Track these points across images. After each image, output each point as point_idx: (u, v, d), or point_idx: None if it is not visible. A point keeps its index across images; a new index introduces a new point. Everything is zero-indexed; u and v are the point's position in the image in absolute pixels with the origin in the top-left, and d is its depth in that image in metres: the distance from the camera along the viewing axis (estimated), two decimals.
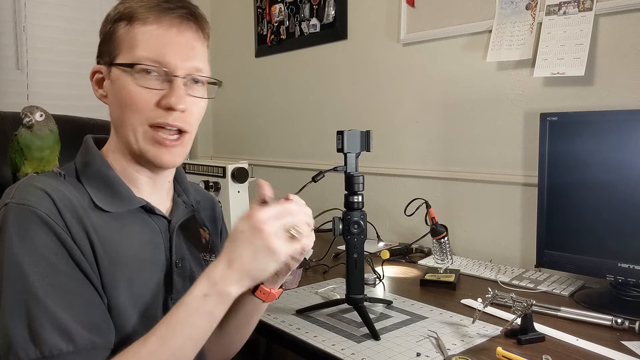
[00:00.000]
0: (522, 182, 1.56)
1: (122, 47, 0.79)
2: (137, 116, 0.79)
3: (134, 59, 0.78)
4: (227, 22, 2.72)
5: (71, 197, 0.75)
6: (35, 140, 0.82)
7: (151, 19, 0.78)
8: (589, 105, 1.40)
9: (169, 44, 0.78)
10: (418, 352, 0.96)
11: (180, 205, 0.91)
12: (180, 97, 0.78)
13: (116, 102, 0.80)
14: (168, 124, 0.79)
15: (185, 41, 0.80)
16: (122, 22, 0.79)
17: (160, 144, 0.80)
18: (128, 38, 0.79)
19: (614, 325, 1.07)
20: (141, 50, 0.78)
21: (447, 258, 1.43)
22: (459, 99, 1.71)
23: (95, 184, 0.80)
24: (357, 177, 1.10)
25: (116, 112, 0.81)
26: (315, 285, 1.39)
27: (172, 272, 0.84)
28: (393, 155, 1.92)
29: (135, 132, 0.79)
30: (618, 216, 1.20)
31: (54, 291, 0.69)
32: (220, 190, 1.82)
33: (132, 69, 0.78)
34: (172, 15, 0.79)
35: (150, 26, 0.78)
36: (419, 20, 1.80)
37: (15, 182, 0.82)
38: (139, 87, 0.78)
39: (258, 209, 0.74)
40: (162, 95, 0.78)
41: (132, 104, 0.78)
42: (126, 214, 0.81)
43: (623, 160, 1.19)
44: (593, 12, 1.37)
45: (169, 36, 0.79)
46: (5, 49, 2.22)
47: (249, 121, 2.62)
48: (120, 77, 0.79)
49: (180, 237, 0.88)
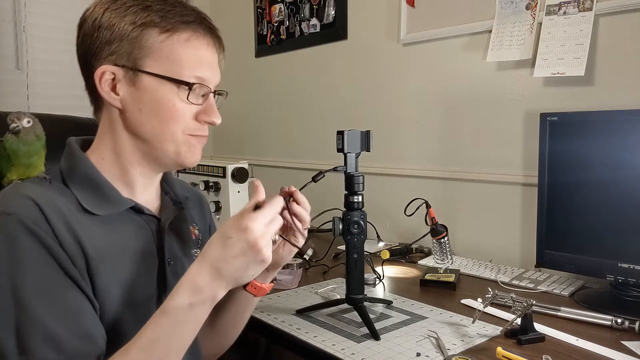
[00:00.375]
0: (522, 182, 1.55)
1: (154, 56, 0.78)
2: (177, 127, 0.80)
3: (180, 74, 0.79)
4: (227, 22, 2.72)
5: (58, 202, 0.74)
6: (22, 146, 0.81)
7: (191, 35, 0.80)
8: (589, 105, 1.40)
9: (207, 61, 0.82)
10: (418, 352, 0.96)
11: (169, 203, 0.91)
12: (217, 113, 0.85)
13: (149, 111, 0.80)
14: (204, 135, 0.84)
15: (216, 57, 0.85)
16: (153, 29, 0.78)
17: (195, 147, 0.83)
18: (166, 49, 0.78)
19: (614, 325, 1.07)
20: (188, 67, 0.79)
21: (447, 258, 1.43)
22: (459, 99, 1.71)
23: (83, 187, 0.80)
24: (357, 177, 1.10)
25: (146, 120, 0.80)
26: (315, 285, 1.39)
27: (165, 270, 0.85)
28: (393, 155, 1.92)
29: (174, 140, 0.81)
30: (618, 216, 1.20)
31: (42, 301, 0.68)
32: (220, 190, 1.82)
33: (177, 84, 0.79)
34: (203, 28, 0.81)
35: (192, 42, 0.80)
36: (419, 20, 1.80)
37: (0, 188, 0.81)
38: (183, 102, 0.80)
39: (252, 218, 0.72)
40: (199, 110, 0.82)
41: (174, 117, 0.80)
42: (115, 215, 0.81)
43: (623, 160, 1.19)
44: (593, 12, 1.37)
45: (208, 53, 0.82)
46: (5, 49, 2.22)
47: (249, 121, 2.62)
48: (158, 89, 0.79)
49: (171, 234, 0.88)
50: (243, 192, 1.81)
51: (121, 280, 0.77)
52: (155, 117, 0.79)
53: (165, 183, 0.94)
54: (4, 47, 2.22)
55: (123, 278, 0.78)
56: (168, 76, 0.78)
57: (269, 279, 0.95)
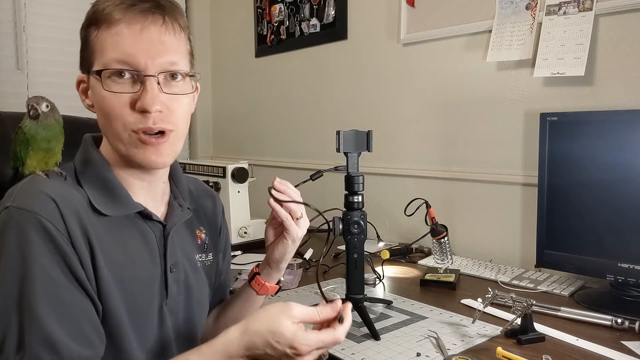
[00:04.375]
0: (522, 182, 1.55)
1: (95, 54, 0.76)
2: (118, 123, 0.75)
3: (103, 64, 0.75)
4: (227, 22, 2.72)
5: (74, 200, 0.74)
6: (41, 130, 0.81)
7: (115, 19, 0.74)
8: (589, 105, 1.40)
9: (135, 42, 0.74)
10: (418, 352, 0.96)
11: (176, 209, 0.89)
12: (154, 98, 0.74)
13: (97, 111, 0.79)
14: (150, 129, 0.75)
15: (152, 36, 0.74)
16: (91, 27, 0.77)
17: (146, 143, 0.76)
18: (98, 43, 0.76)
19: (614, 325, 1.07)
20: (109, 53, 0.74)
21: (447, 258, 1.43)
22: (459, 99, 1.71)
23: (94, 186, 0.79)
24: (357, 177, 1.10)
25: (100, 120, 0.79)
26: (315, 285, 1.38)
27: (167, 277, 0.84)
28: (393, 155, 1.92)
29: (120, 139, 0.77)
30: (618, 216, 1.20)
31: (46, 301, 0.68)
32: (220, 190, 1.82)
33: (101, 76, 0.75)
34: (134, 12, 0.74)
35: (115, 27, 0.74)
36: (419, 20, 1.80)
37: (17, 177, 0.81)
38: (110, 93, 0.74)
39: (307, 344, 0.71)
40: (133, 98, 0.75)
41: (109, 112, 0.75)
42: (123, 218, 0.80)
43: (623, 160, 1.19)
44: (593, 12, 1.37)
45: (134, 34, 0.74)
46: (5, 49, 2.22)
47: (249, 121, 2.62)
48: (95, 85, 0.76)
49: (175, 241, 0.87)
50: (243, 192, 1.82)
51: (124, 283, 0.77)
52: (101, 117, 0.78)
53: (175, 186, 0.92)
54: (4, 47, 2.22)
55: (125, 282, 0.77)
56: (96, 69, 0.75)
57: (273, 278, 0.97)
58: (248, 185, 1.83)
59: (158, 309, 0.82)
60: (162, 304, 0.83)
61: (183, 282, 0.87)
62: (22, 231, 0.69)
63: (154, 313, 0.82)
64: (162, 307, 0.83)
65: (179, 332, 0.87)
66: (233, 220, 1.78)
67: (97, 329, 0.73)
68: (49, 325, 0.68)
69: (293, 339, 0.70)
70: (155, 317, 0.82)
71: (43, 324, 0.67)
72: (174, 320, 0.85)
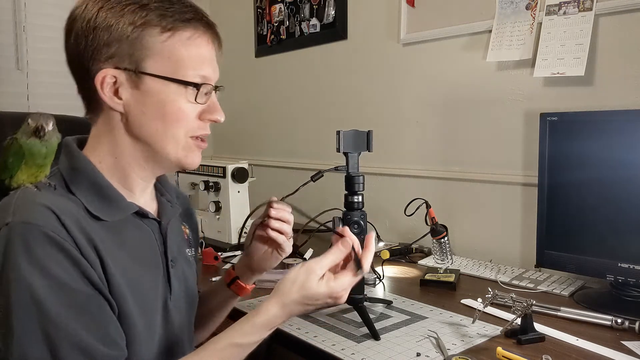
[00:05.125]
0: (522, 182, 1.55)
1: (156, 57, 0.76)
2: (181, 129, 0.79)
3: (185, 75, 0.77)
4: (227, 22, 2.72)
5: (72, 209, 0.73)
6: (42, 148, 0.77)
7: (193, 34, 0.78)
8: (589, 105, 1.40)
9: (209, 59, 0.81)
10: (418, 352, 0.96)
11: (167, 205, 0.90)
12: (221, 110, 0.83)
13: (153, 113, 0.78)
14: (206, 135, 0.83)
15: (214, 53, 0.83)
16: (154, 29, 0.76)
17: (200, 148, 0.83)
18: (167, 49, 0.76)
19: (614, 325, 1.07)
20: (192, 67, 0.78)
21: (447, 258, 1.43)
22: (459, 99, 1.71)
23: (87, 192, 0.77)
24: (357, 177, 1.10)
25: (149, 122, 0.78)
26: None
27: (169, 273, 0.85)
28: (393, 155, 1.92)
29: (176, 143, 0.80)
30: (618, 216, 1.20)
31: (69, 312, 0.68)
32: (220, 190, 1.82)
33: (183, 85, 0.77)
34: (205, 28, 0.80)
35: (194, 41, 0.78)
36: (419, 20, 1.80)
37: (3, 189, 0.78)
38: (189, 103, 0.79)
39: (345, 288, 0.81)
40: (203, 109, 0.81)
41: (179, 119, 0.79)
42: (121, 220, 0.80)
43: (623, 160, 1.19)
44: (593, 12, 1.37)
45: (208, 50, 0.81)
46: (5, 49, 2.22)
47: (249, 121, 2.62)
48: (163, 90, 0.77)
49: (171, 237, 0.88)
50: (243, 192, 1.82)
51: (133, 284, 0.77)
52: (159, 120, 0.78)
53: (160, 184, 0.93)
54: (4, 47, 2.21)
55: (134, 282, 0.77)
56: (174, 77, 0.77)
57: (252, 281, 1.03)
58: (248, 185, 1.83)
59: (163, 305, 0.83)
60: (167, 300, 0.84)
61: (182, 276, 0.89)
62: (29, 245, 0.67)
63: (160, 310, 0.83)
64: (167, 303, 0.84)
65: (182, 326, 0.88)
66: (233, 221, 1.78)
67: (119, 330, 0.74)
68: (77, 332, 0.67)
69: (329, 293, 0.79)
70: (160, 314, 0.83)
71: (71, 332, 0.67)
72: (177, 314, 0.86)
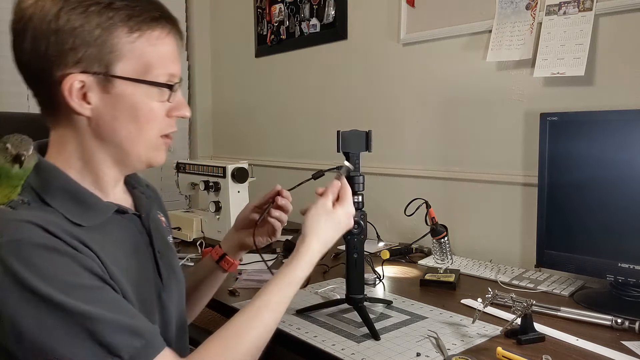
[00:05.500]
0: (522, 182, 1.55)
1: (125, 59, 0.74)
2: (154, 130, 0.79)
3: (156, 75, 0.76)
4: (227, 22, 2.72)
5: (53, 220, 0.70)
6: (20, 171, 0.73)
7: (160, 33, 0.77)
8: (589, 105, 1.40)
9: (176, 56, 0.80)
10: (418, 352, 0.96)
11: (141, 198, 0.90)
12: (187, 105, 0.83)
13: (126, 117, 0.76)
14: (174, 132, 0.83)
15: (179, 49, 0.81)
16: (122, 30, 0.74)
17: (166, 145, 0.82)
18: (137, 50, 0.75)
19: (614, 325, 1.07)
20: (161, 66, 0.77)
21: (447, 258, 1.43)
22: (459, 99, 1.71)
23: (63, 201, 0.74)
24: (357, 177, 1.10)
25: (122, 126, 0.76)
26: (315, 285, 1.38)
27: (158, 265, 0.85)
28: (393, 155, 1.92)
29: (149, 144, 0.79)
30: (618, 216, 1.20)
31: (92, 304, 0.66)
32: (220, 190, 1.82)
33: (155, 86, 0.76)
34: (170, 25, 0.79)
35: (162, 40, 0.77)
36: (419, 20, 1.80)
37: None
38: (159, 102, 0.78)
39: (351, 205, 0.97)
40: (171, 106, 0.80)
41: (151, 120, 0.77)
42: (103, 222, 0.78)
43: (623, 160, 1.19)
44: (593, 12, 1.37)
45: (175, 48, 0.80)
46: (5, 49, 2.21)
47: (249, 121, 2.62)
48: (134, 93, 0.75)
49: (154, 228, 0.88)
50: (243, 192, 1.82)
51: (130, 280, 0.77)
52: (132, 122, 0.76)
53: (129, 177, 0.90)
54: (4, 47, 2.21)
55: (131, 278, 0.77)
56: (145, 79, 0.76)
57: (239, 257, 1.10)
58: (248, 185, 1.83)
59: (157, 297, 0.83)
60: (160, 290, 0.84)
61: (169, 265, 0.89)
62: (29, 261, 0.65)
63: (155, 303, 0.83)
64: (160, 294, 0.84)
65: (176, 314, 0.88)
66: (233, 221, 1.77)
67: None
68: (111, 317, 0.66)
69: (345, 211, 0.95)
70: (155, 306, 0.83)
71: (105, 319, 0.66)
72: (170, 304, 0.87)
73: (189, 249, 1.76)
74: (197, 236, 1.88)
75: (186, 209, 2.11)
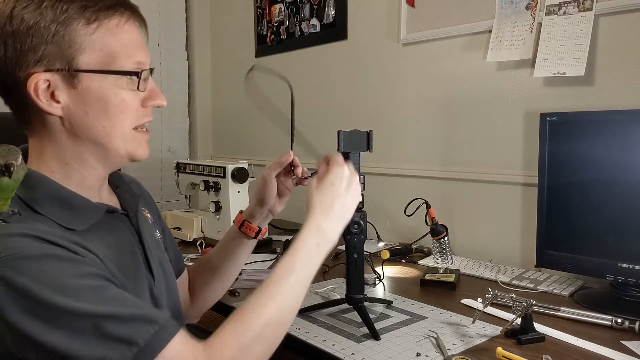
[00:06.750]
0: (522, 182, 1.55)
1: (87, 52, 0.73)
2: (127, 121, 0.77)
3: (122, 65, 0.75)
4: (227, 22, 2.72)
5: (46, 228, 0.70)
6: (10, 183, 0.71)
7: (119, 21, 0.75)
8: (589, 105, 1.40)
9: (141, 44, 0.78)
10: (418, 352, 0.96)
11: (126, 196, 0.89)
12: (161, 93, 0.81)
13: (97, 111, 0.74)
14: (149, 121, 0.81)
15: (143, 37, 0.79)
16: (78, 22, 0.72)
17: (144, 138, 0.81)
18: (98, 41, 0.73)
19: (614, 325, 1.07)
20: (126, 55, 0.75)
21: (447, 258, 1.43)
22: (459, 99, 1.71)
23: (53, 207, 0.74)
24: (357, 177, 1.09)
25: (94, 121, 0.75)
26: (315, 285, 1.38)
27: (149, 261, 0.85)
28: (393, 155, 1.92)
29: (124, 138, 0.77)
30: (618, 216, 1.20)
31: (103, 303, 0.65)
32: (220, 190, 1.82)
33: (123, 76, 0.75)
34: (130, 12, 0.77)
35: (122, 28, 0.75)
36: (419, 20, 1.80)
37: None
38: (131, 92, 0.76)
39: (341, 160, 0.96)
40: (145, 96, 0.79)
41: (124, 111, 0.76)
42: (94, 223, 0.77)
43: (623, 160, 1.19)
44: (593, 12, 1.37)
45: (138, 35, 0.78)
46: None
47: (249, 121, 2.62)
48: (102, 85, 0.74)
49: (142, 226, 0.88)
50: (243, 192, 1.82)
51: (125, 277, 0.77)
52: (104, 116, 0.75)
53: (111, 176, 0.89)
54: None
55: (127, 277, 0.78)
56: (111, 69, 0.74)
57: (265, 224, 1.10)
58: (248, 185, 1.83)
59: (150, 293, 0.84)
60: (152, 287, 0.84)
61: (158, 261, 0.89)
62: (29, 272, 0.64)
63: (149, 299, 0.83)
64: (153, 290, 0.84)
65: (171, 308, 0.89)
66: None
67: None
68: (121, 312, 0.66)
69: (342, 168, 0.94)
70: (150, 302, 0.83)
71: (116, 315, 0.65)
72: (162, 299, 0.87)
73: (189, 249, 1.76)
74: (197, 236, 1.88)
75: (186, 209, 2.11)
